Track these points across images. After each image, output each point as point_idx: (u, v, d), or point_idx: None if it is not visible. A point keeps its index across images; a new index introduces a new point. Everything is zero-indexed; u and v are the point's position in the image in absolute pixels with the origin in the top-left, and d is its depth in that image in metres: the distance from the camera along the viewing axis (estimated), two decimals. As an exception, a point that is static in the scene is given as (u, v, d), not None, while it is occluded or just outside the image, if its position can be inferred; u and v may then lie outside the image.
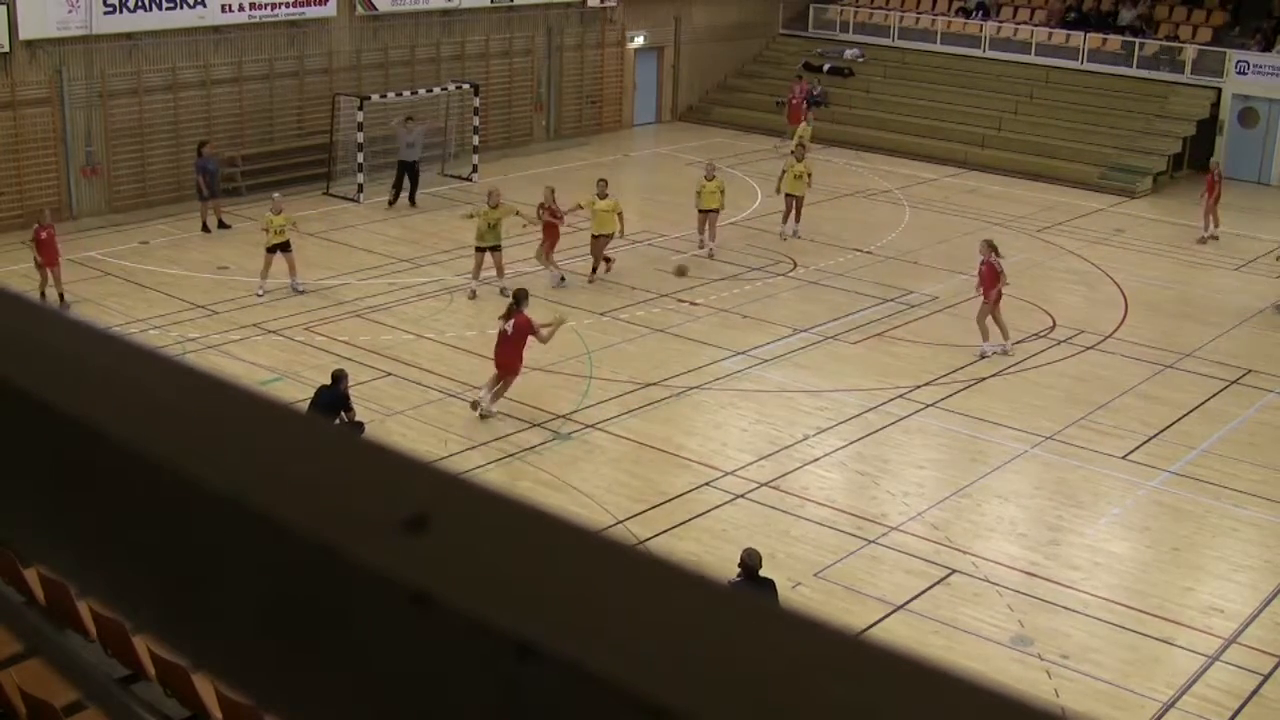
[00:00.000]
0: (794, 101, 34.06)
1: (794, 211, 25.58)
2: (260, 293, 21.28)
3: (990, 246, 19.96)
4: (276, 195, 22.56)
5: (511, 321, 16.93)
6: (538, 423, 16.86)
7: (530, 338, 17.00)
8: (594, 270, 22.70)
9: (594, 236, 22.53)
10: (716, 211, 24.43)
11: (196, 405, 0.88)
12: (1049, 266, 24.86)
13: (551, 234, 22.25)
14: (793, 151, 26.64)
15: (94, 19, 25.08)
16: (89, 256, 23.23)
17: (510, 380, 17.09)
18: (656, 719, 0.61)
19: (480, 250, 21.60)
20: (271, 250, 21.24)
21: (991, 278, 19.71)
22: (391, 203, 27.12)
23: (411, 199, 27.24)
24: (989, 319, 19.81)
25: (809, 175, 25.70)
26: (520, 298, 17.32)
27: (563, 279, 22.10)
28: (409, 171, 27.19)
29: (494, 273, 21.73)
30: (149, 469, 0.81)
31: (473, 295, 21.63)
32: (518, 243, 22.50)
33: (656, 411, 17.45)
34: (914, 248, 25.57)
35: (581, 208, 22.56)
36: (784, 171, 25.95)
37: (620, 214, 22.42)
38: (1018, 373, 19.39)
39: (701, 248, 24.46)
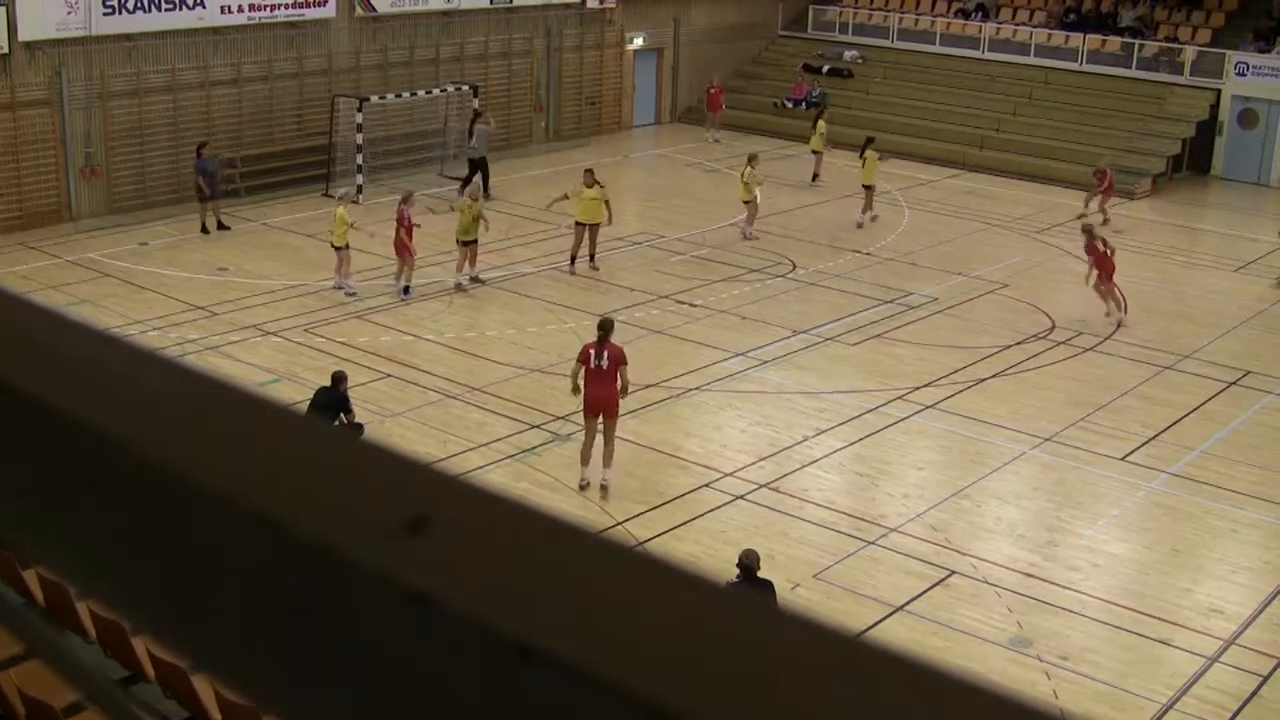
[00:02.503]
0: (712, 91, 35.61)
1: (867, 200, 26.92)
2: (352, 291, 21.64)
3: (1090, 232, 21.86)
4: (345, 192, 23.03)
5: (607, 355, 15.01)
6: (537, 424, 16.85)
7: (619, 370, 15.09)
8: (573, 259, 22.79)
9: (578, 224, 22.67)
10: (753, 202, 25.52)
11: (196, 406, 0.88)
12: (1048, 268, 24.87)
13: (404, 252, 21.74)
14: (868, 140, 27.49)
15: (93, 20, 25.07)
16: (88, 257, 23.23)
17: (613, 425, 15.15)
18: (656, 719, 0.61)
19: (463, 244, 21.73)
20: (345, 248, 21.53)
21: (1100, 258, 21.37)
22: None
23: (486, 191, 27.15)
24: (1109, 292, 21.47)
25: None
26: (608, 327, 15.39)
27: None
28: (480, 168, 27.19)
29: (468, 266, 22.01)
30: (148, 470, 0.81)
31: (460, 288, 21.86)
32: (519, 243, 22.45)
33: (656, 413, 17.44)
34: (913, 249, 25.58)
35: (567, 198, 22.67)
36: (864, 161, 27.00)
37: (608, 202, 22.54)
38: (1017, 374, 19.39)
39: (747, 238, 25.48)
